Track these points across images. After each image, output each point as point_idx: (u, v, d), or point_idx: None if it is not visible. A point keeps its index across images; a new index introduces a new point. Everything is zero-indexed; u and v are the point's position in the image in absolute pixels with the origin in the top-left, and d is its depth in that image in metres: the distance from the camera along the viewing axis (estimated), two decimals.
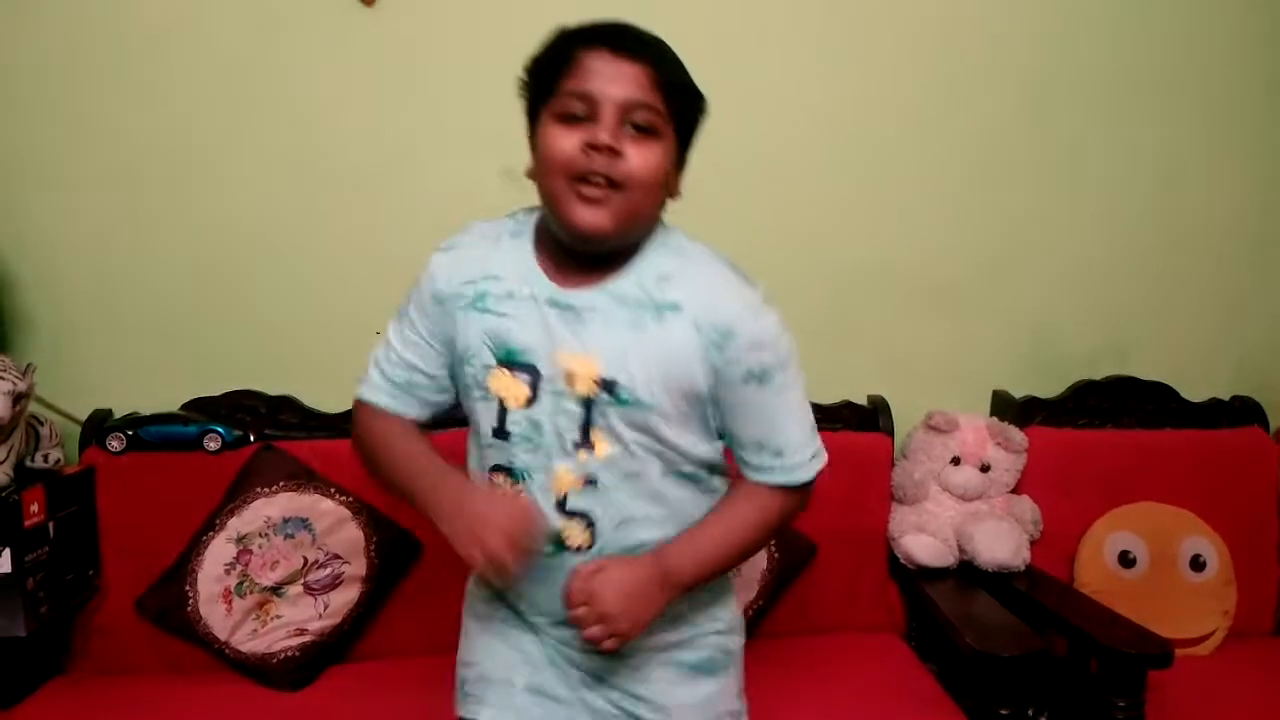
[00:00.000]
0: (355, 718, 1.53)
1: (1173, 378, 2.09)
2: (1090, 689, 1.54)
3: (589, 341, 1.00)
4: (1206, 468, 1.96)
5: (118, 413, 1.79)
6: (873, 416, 1.97)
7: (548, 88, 0.99)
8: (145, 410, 1.77)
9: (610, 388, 0.99)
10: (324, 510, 1.69)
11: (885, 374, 2.03)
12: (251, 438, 1.77)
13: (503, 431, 1.03)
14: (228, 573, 1.65)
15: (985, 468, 1.91)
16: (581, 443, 1.01)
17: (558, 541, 1.03)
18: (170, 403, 1.79)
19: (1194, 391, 2.08)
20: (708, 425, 1.05)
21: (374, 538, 1.69)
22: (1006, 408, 2.04)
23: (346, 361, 1.86)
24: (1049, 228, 2.07)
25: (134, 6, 1.76)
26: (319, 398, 1.87)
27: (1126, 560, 1.83)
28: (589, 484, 1.02)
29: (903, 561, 1.87)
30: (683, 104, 1.01)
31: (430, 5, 1.82)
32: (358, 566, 1.69)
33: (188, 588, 1.64)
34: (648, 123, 0.97)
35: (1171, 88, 2.05)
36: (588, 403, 0.99)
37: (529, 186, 1.04)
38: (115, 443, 1.71)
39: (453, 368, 1.10)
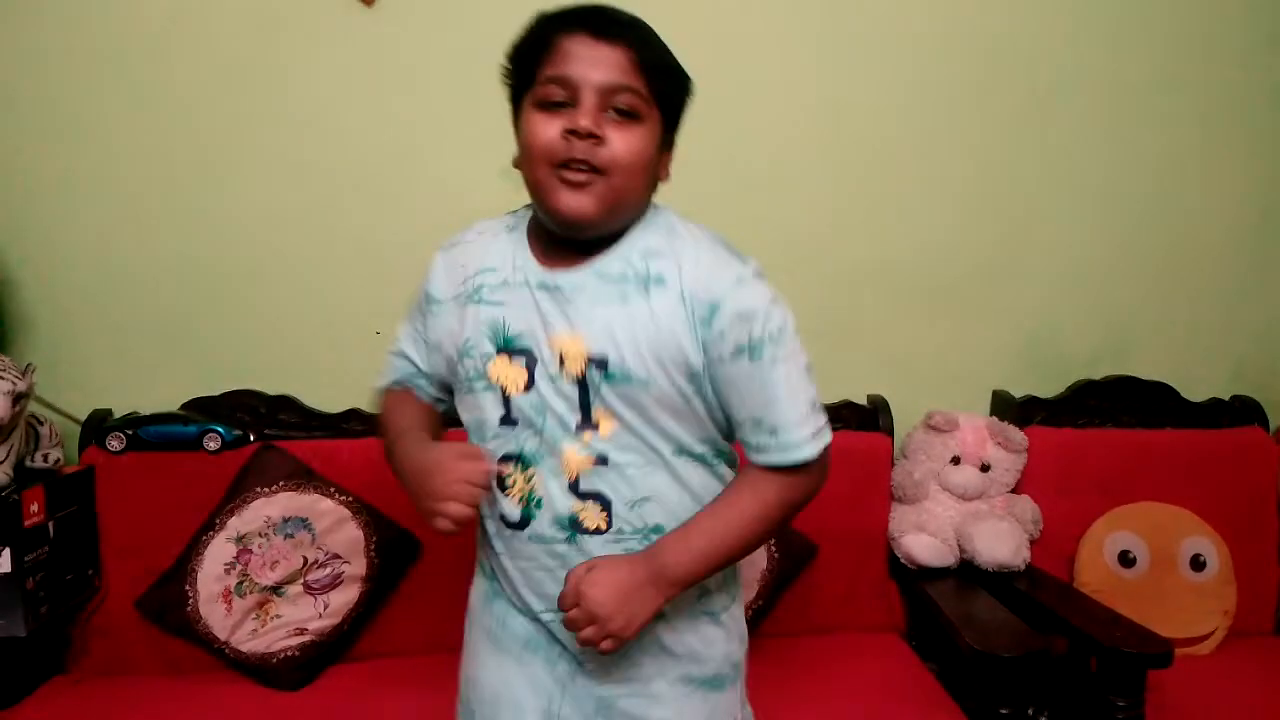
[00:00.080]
0: (355, 717, 1.53)
1: (1173, 377, 2.09)
2: (1090, 688, 1.54)
3: (577, 321, 0.98)
4: (1206, 467, 1.96)
5: (117, 412, 1.79)
6: (873, 416, 1.97)
7: (528, 75, 0.97)
8: (145, 410, 1.77)
9: (601, 365, 0.96)
10: (324, 510, 1.69)
11: (885, 374, 2.03)
12: (251, 437, 1.77)
13: (509, 419, 1.01)
14: (228, 572, 1.65)
15: (985, 467, 1.91)
16: (584, 423, 0.98)
17: (574, 525, 1.00)
18: (170, 402, 1.80)
19: (1194, 391, 2.09)
20: (710, 408, 1.02)
21: (374, 537, 1.70)
22: (1006, 407, 2.04)
23: (346, 361, 1.89)
24: (1049, 228, 2.07)
25: (134, 6, 1.76)
26: (319, 397, 1.87)
27: (1126, 560, 1.83)
28: (600, 463, 0.99)
29: (903, 561, 1.87)
30: (666, 85, 0.98)
31: (430, 5, 1.82)
32: (358, 566, 1.69)
33: (187, 587, 1.64)
34: (630, 106, 0.95)
35: (1171, 89, 2.05)
36: (582, 382, 0.97)
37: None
38: (115, 442, 1.71)
39: (447, 369, 1.09)
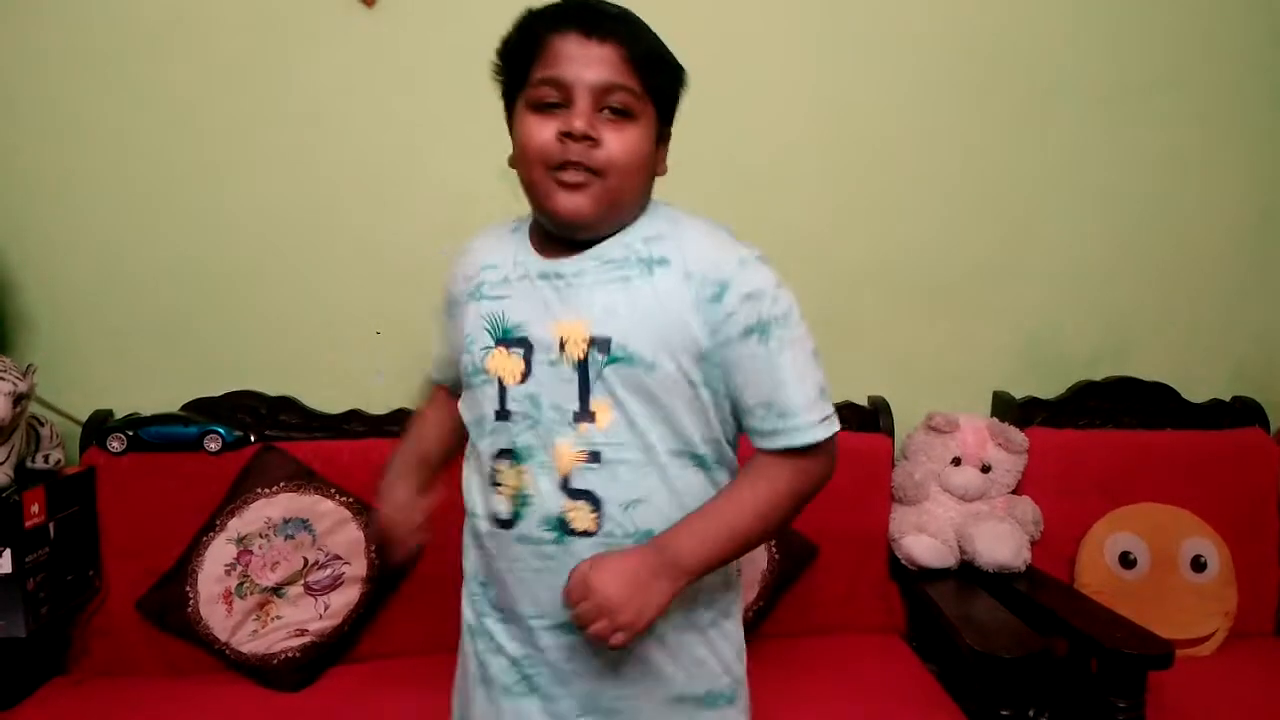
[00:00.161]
0: (356, 718, 1.53)
1: (1173, 378, 2.09)
2: (1091, 690, 1.54)
3: (579, 304, 0.97)
4: (1207, 468, 1.96)
5: (118, 413, 1.79)
6: (873, 417, 1.97)
7: (519, 74, 0.96)
8: (146, 411, 1.77)
9: (603, 346, 0.95)
10: (324, 511, 1.69)
11: (885, 374, 2.03)
12: (252, 438, 1.77)
13: (504, 412, 1.00)
14: (228, 573, 1.65)
15: (986, 468, 1.91)
16: (581, 413, 0.97)
17: (562, 526, 0.98)
18: (171, 403, 1.80)
19: (1194, 392, 2.09)
20: (717, 397, 1.00)
21: (374, 538, 1.69)
22: (1007, 408, 2.04)
23: (347, 362, 1.89)
24: (1049, 228, 2.07)
25: (134, 6, 1.76)
26: (319, 398, 1.87)
27: (1127, 561, 1.83)
28: (592, 459, 0.97)
29: (903, 562, 1.87)
30: (660, 80, 0.97)
31: (430, 5, 1.82)
32: (358, 567, 1.69)
33: (188, 588, 1.64)
34: (624, 105, 0.94)
35: (1171, 88, 2.05)
36: (583, 367, 0.96)
37: None
38: (116, 443, 1.71)
39: (458, 370, 1.09)
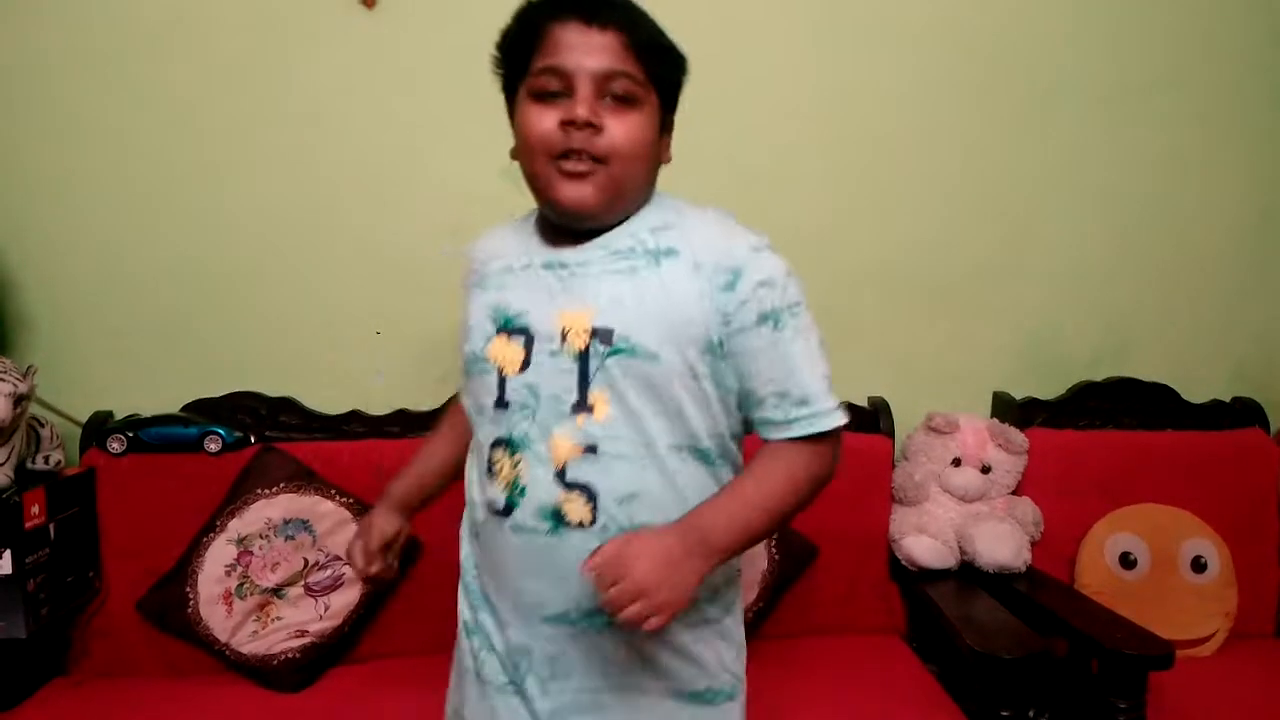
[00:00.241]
0: (356, 719, 1.53)
1: (1173, 379, 2.09)
2: (1091, 690, 1.54)
3: (584, 294, 0.96)
4: (1207, 469, 1.96)
5: (118, 414, 1.79)
6: (873, 418, 1.97)
7: (520, 65, 0.96)
8: (146, 412, 1.77)
9: (606, 337, 0.94)
10: (324, 512, 1.69)
11: (885, 375, 2.03)
12: (252, 439, 1.77)
13: (503, 401, 0.99)
14: (228, 574, 1.65)
15: (986, 469, 1.91)
16: (580, 405, 0.95)
17: (557, 517, 0.96)
18: (171, 404, 1.80)
19: (1194, 392, 2.09)
20: (723, 391, 0.99)
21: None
22: (1007, 409, 2.04)
23: (347, 362, 1.89)
24: (1049, 228, 2.07)
25: (134, 6, 1.75)
26: (319, 399, 1.87)
27: (1127, 561, 1.83)
28: (589, 451, 0.95)
29: (903, 563, 1.87)
30: (662, 67, 0.97)
31: (430, 5, 1.82)
32: None
33: (188, 589, 1.64)
34: (626, 92, 0.94)
35: (1171, 88, 2.05)
36: (583, 357, 0.95)
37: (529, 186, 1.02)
38: (116, 444, 1.71)
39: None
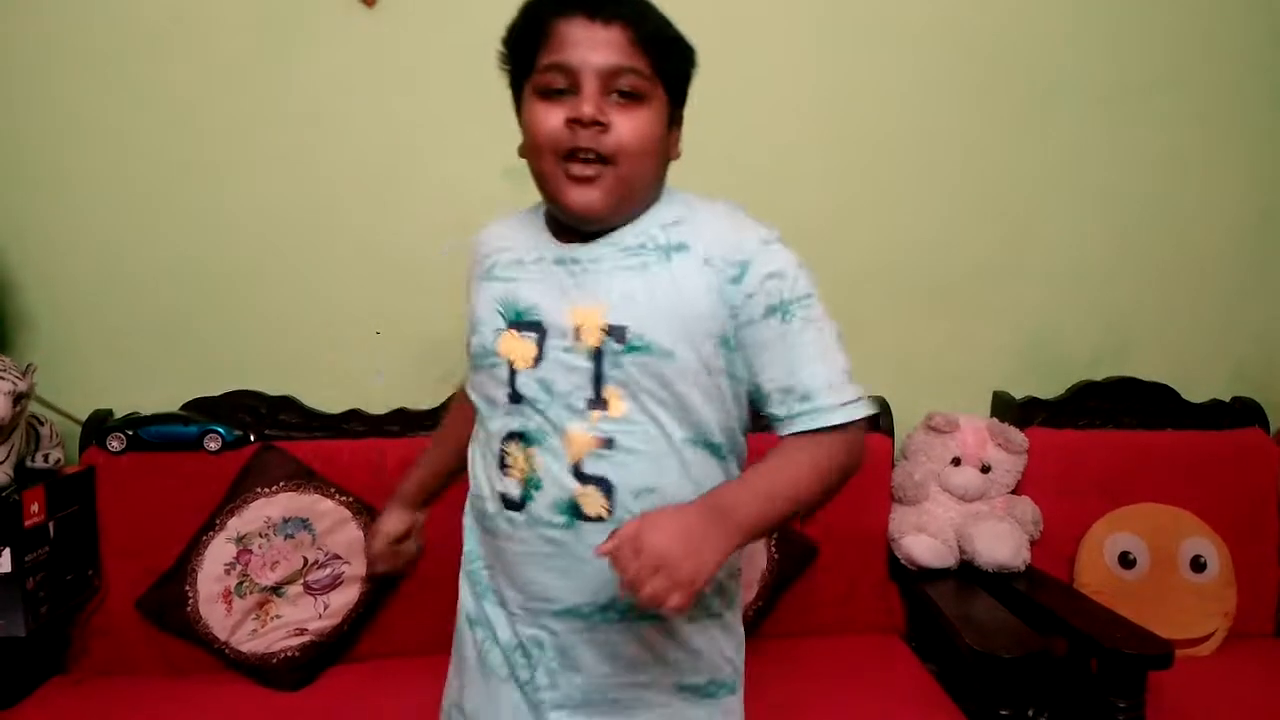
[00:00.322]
0: (355, 717, 1.53)
1: (1173, 378, 2.08)
2: (1091, 690, 1.54)
3: (596, 290, 0.95)
4: (1207, 469, 1.96)
5: (118, 413, 1.79)
6: (873, 417, 1.95)
7: (526, 61, 0.95)
8: (145, 410, 1.77)
9: (619, 334, 0.93)
10: (324, 510, 1.69)
11: (885, 374, 2.02)
12: (252, 438, 1.77)
13: (516, 395, 0.98)
14: (228, 573, 1.65)
15: (985, 468, 1.91)
16: (594, 401, 0.94)
17: (573, 510, 0.95)
18: (170, 403, 1.80)
19: (1194, 392, 2.08)
20: (737, 384, 0.99)
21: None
22: (1007, 408, 2.04)
23: (347, 361, 1.89)
24: (1049, 228, 2.07)
25: (134, 6, 1.76)
26: (319, 398, 1.87)
27: (1127, 561, 1.83)
28: (605, 445, 0.94)
29: (903, 562, 1.87)
30: (669, 61, 0.95)
31: (430, 5, 1.82)
32: (358, 566, 1.69)
33: (188, 588, 1.64)
34: (633, 88, 0.92)
35: (1171, 88, 2.05)
36: (597, 355, 0.94)
37: (532, 187, 1.01)
38: (115, 443, 1.71)
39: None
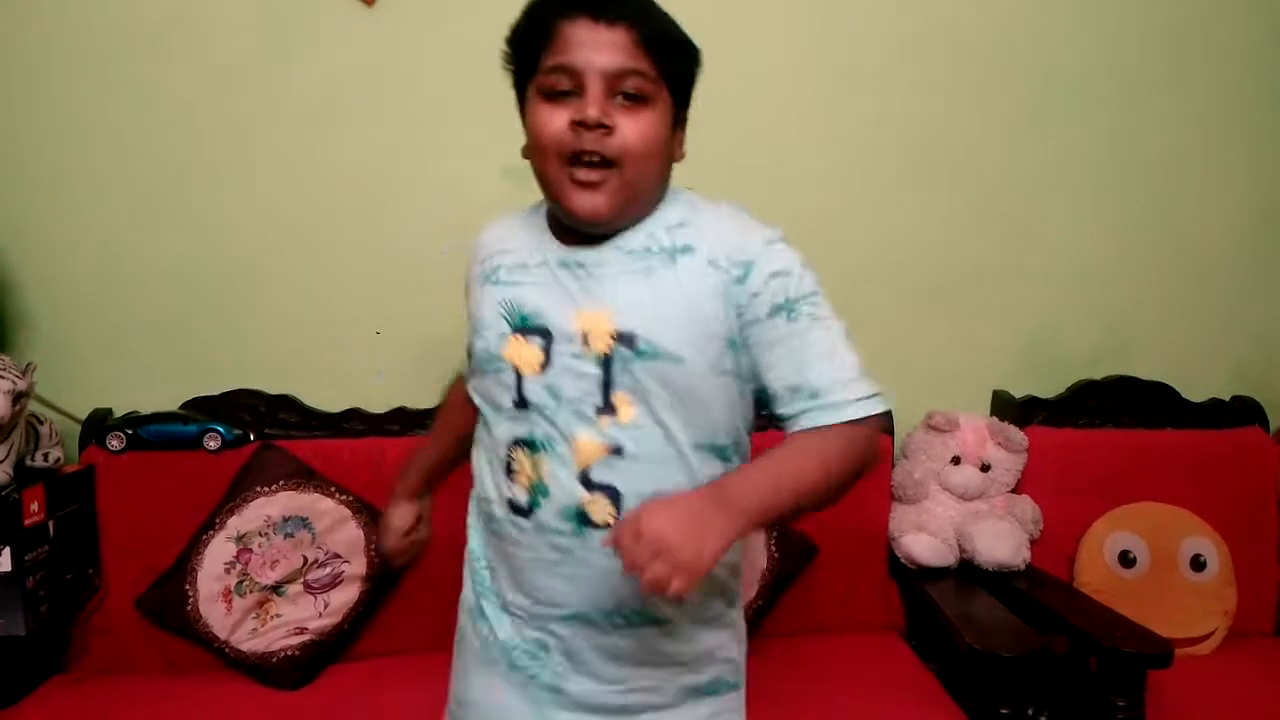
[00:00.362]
0: (355, 716, 1.53)
1: (1173, 378, 2.09)
2: (1090, 688, 1.54)
3: (602, 296, 0.95)
4: (1207, 468, 1.96)
5: (117, 412, 1.79)
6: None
7: (530, 62, 0.94)
8: (145, 409, 1.77)
9: (629, 341, 0.92)
10: (324, 509, 1.69)
11: (885, 374, 2.00)
12: (251, 437, 1.77)
13: (523, 401, 0.97)
14: (228, 571, 1.65)
15: (985, 467, 1.91)
16: (603, 407, 0.94)
17: (581, 517, 0.95)
18: (170, 402, 1.80)
19: (1194, 391, 2.08)
20: (742, 382, 0.99)
21: (374, 537, 1.69)
22: (1007, 408, 2.04)
23: (346, 361, 1.89)
24: (1049, 228, 2.07)
25: (134, 6, 1.76)
26: (319, 397, 1.87)
27: (1126, 560, 1.83)
28: (614, 453, 0.94)
29: (903, 561, 1.87)
30: (674, 62, 0.94)
31: (430, 4, 1.82)
32: (357, 565, 1.69)
33: (187, 587, 1.64)
34: (638, 90, 0.91)
35: (1171, 88, 2.05)
36: (606, 361, 0.93)
37: (532, 187, 1.00)
38: (115, 442, 1.71)
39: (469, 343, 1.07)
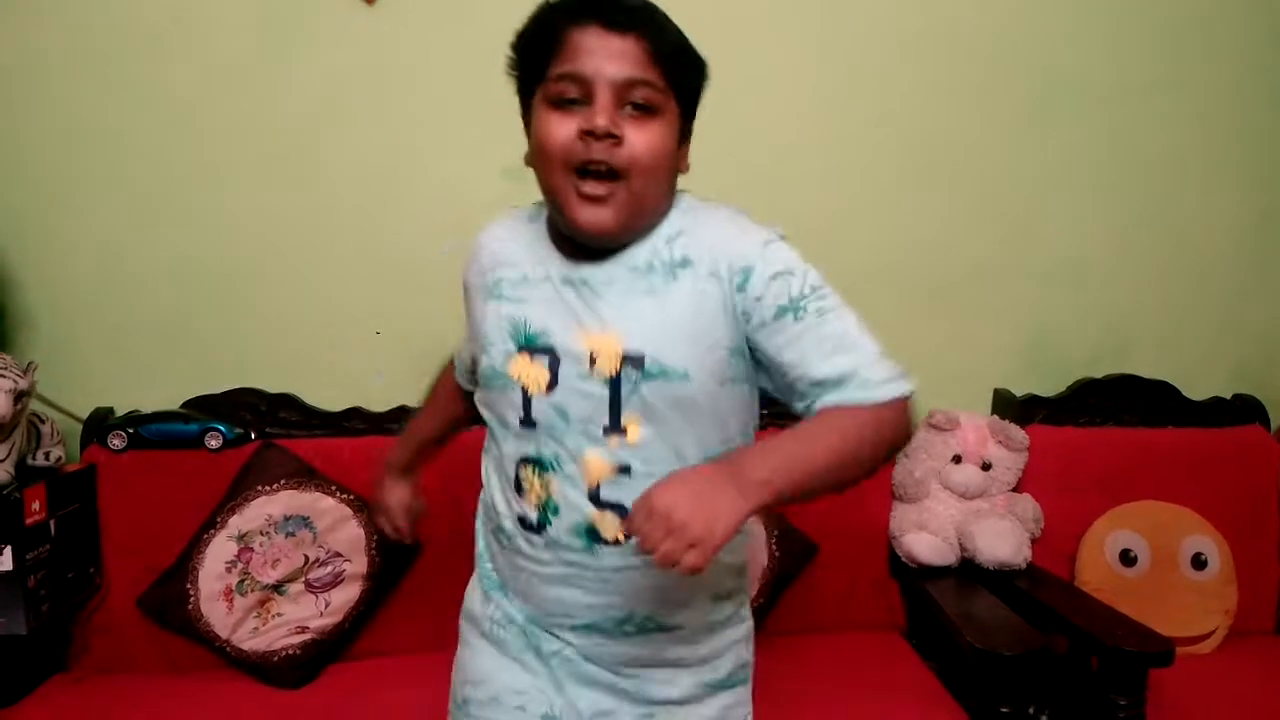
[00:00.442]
0: (356, 715, 1.53)
1: (1173, 376, 2.08)
2: (1091, 687, 1.54)
3: (608, 318, 0.93)
4: (1207, 466, 1.96)
5: (119, 411, 1.79)
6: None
7: (537, 69, 0.92)
8: (146, 408, 1.77)
9: (637, 362, 0.91)
10: (325, 508, 1.69)
11: None
12: (252, 436, 1.77)
13: (529, 420, 0.96)
14: (229, 571, 1.65)
15: (986, 466, 1.91)
16: (612, 427, 0.93)
17: (591, 534, 0.95)
18: (171, 401, 1.80)
19: (1195, 390, 2.08)
20: (751, 386, 0.98)
21: (375, 536, 1.69)
22: (1007, 406, 2.04)
23: (347, 361, 1.89)
24: (1049, 228, 2.07)
25: (134, 6, 1.76)
26: (320, 396, 1.87)
27: (1127, 559, 1.83)
28: (622, 472, 0.93)
29: (904, 560, 1.87)
30: (683, 75, 0.93)
31: (430, 4, 1.83)
32: (359, 564, 1.69)
33: (189, 586, 1.65)
34: (647, 101, 0.90)
35: (1171, 88, 2.05)
36: (615, 383, 0.92)
37: (532, 186, 0.99)
38: (116, 441, 1.71)
39: (474, 361, 1.06)
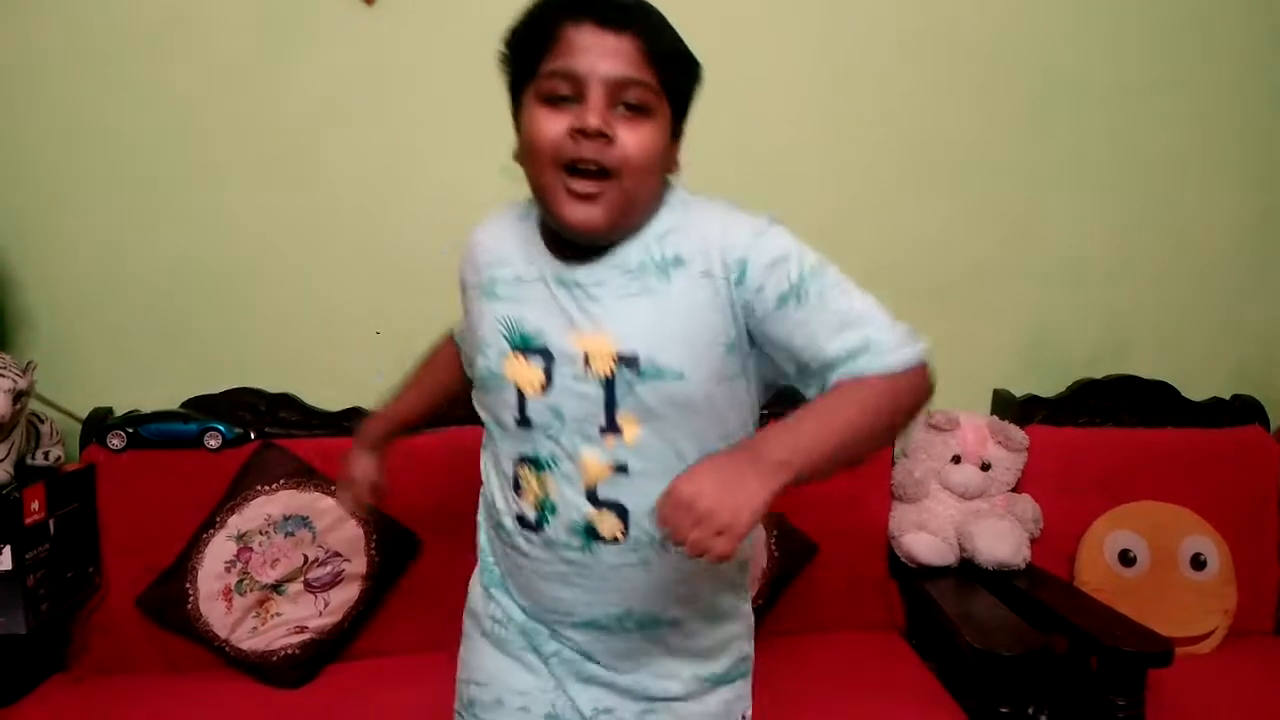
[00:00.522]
0: (355, 715, 1.53)
1: (1173, 376, 2.08)
2: (1091, 687, 1.54)
3: (601, 319, 0.93)
4: (1207, 466, 1.96)
5: (118, 411, 1.79)
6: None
7: (529, 65, 0.91)
8: (146, 408, 1.77)
9: (631, 363, 0.91)
10: (324, 508, 1.69)
11: None
12: (252, 435, 1.77)
13: (525, 420, 0.97)
14: (228, 570, 1.65)
15: (986, 466, 1.91)
16: (608, 427, 0.93)
17: (589, 533, 0.96)
18: (170, 400, 1.80)
19: (1194, 390, 2.08)
20: (750, 381, 0.97)
21: (374, 535, 1.70)
22: (1007, 406, 2.04)
23: (347, 360, 1.89)
24: (1049, 228, 2.07)
25: (134, 6, 1.76)
26: (319, 395, 1.87)
27: (1127, 559, 1.83)
28: (619, 471, 0.94)
29: (903, 560, 1.87)
30: (677, 76, 0.93)
31: (430, 4, 1.83)
32: (358, 564, 1.69)
33: (188, 585, 1.65)
34: (640, 101, 0.89)
35: (1172, 88, 2.05)
36: (609, 383, 0.92)
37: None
38: (116, 440, 1.71)
39: (469, 357, 1.06)
